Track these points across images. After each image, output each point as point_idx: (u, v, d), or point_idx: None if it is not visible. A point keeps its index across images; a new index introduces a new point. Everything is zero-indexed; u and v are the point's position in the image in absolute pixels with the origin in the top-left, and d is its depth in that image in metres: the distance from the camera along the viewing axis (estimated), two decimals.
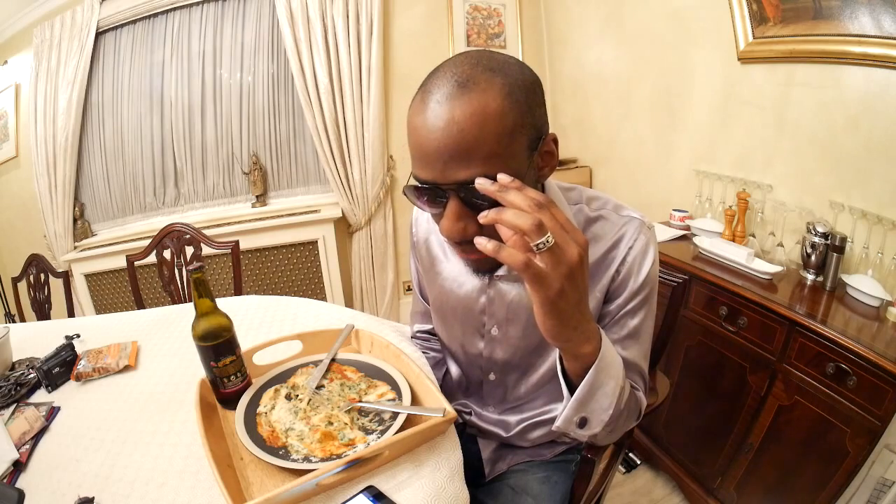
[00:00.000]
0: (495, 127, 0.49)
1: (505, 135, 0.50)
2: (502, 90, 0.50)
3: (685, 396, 1.42)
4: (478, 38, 2.45)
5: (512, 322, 0.75)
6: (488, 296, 0.76)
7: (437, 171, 0.52)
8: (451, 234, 0.54)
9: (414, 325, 1.00)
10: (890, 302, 1.08)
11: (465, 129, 0.49)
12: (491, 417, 0.87)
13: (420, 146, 0.52)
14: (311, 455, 0.61)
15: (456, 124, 0.49)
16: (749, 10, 1.43)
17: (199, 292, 0.69)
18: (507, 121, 0.50)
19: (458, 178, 0.51)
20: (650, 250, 0.68)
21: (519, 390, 0.82)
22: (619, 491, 1.54)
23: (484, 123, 0.49)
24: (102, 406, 0.81)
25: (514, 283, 0.74)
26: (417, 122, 0.52)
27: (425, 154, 0.52)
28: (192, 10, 2.30)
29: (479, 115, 0.49)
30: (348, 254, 2.54)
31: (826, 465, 1.03)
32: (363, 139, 2.28)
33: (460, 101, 0.49)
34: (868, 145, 1.20)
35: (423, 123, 0.51)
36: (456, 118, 0.49)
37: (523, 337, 0.75)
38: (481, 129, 0.49)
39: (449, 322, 0.84)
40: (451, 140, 0.49)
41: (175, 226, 1.60)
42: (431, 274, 0.84)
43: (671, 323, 1.01)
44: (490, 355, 0.80)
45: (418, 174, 0.55)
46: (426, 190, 0.55)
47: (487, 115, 0.49)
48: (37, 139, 2.34)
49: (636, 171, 2.07)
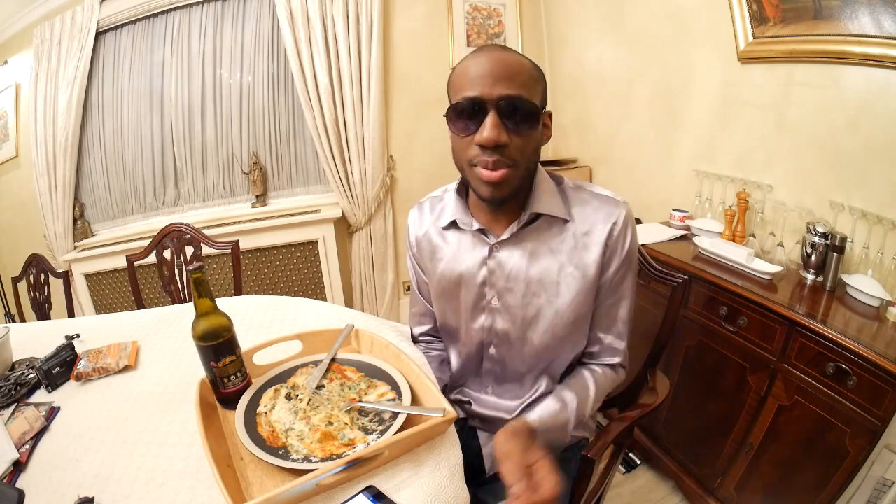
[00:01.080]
0: (528, 71, 0.70)
1: (533, 79, 0.70)
2: (529, 59, 0.72)
3: (685, 396, 1.42)
4: (478, 38, 2.45)
5: (511, 291, 0.80)
6: (489, 267, 0.80)
7: (486, 87, 0.67)
8: (490, 138, 0.67)
9: (414, 329, 1.01)
10: (890, 302, 1.08)
11: (511, 62, 0.68)
12: (490, 401, 0.89)
13: (470, 73, 0.69)
14: (311, 455, 0.61)
15: (504, 59, 0.68)
16: (749, 10, 1.43)
17: (199, 292, 0.69)
18: (534, 72, 0.71)
19: (502, 93, 0.66)
20: (630, 223, 0.79)
21: (515, 364, 0.85)
22: (619, 491, 1.54)
23: (522, 65, 0.69)
24: (102, 406, 0.82)
25: (512, 251, 0.79)
26: (468, 61, 0.70)
27: (476, 76, 0.68)
28: (192, 10, 2.30)
29: (518, 60, 0.70)
30: (348, 254, 2.54)
31: (826, 465, 1.03)
32: (363, 139, 2.28)
33: (505, 51, 0.70)
34: (868, 145, 1.20)
35: (475, 59, 0.69)
36: (504, 57, 0.68)
37: (521, 305, 0.80)
38: (521, 67, 0.69)
39: (452, 302, 0.87)
40: (500, 65, 0.67)
41: (175, 226, 1.60)
42: (433, 263, 0.87)
43: (671, 323, 1.01)
44: (491, 326, 0.84)
45: (466, 93, 0.68)
46: (471, 103, 0.68)
47: (522, 62, 0.70)
48: (37, 139, 2.34)
49: (636, 170, 2.07)
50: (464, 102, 0.68)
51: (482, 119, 0.67)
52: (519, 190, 0.74)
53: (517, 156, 0.69)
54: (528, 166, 0.73)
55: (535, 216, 0.78)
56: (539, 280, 0.78)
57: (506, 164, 0.69)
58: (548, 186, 0.79)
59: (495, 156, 0.68)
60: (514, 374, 0.87)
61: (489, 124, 0.67)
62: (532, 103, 0.68)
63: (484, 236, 0.80)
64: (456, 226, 0.83)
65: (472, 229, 0.81)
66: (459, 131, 0.71)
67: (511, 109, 0.67)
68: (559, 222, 0.78)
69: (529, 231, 0.78)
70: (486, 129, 0.67)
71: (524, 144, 0.70)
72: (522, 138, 0.69)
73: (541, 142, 0.75)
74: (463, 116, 0.70)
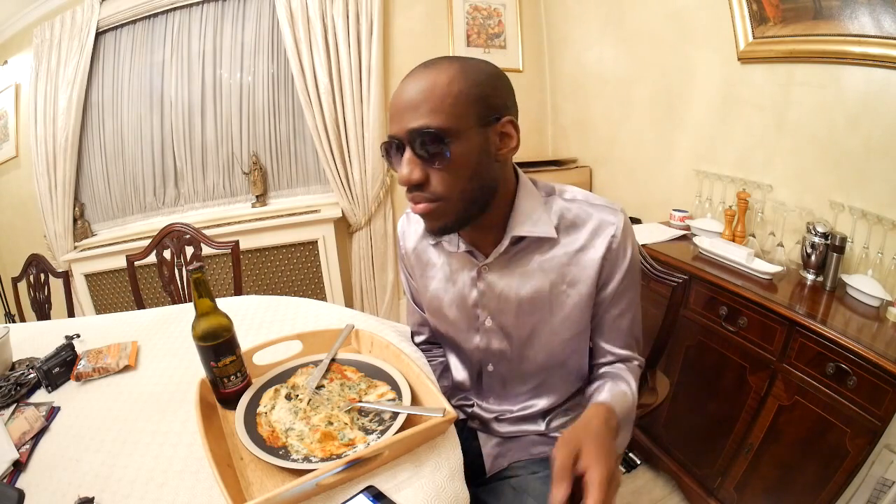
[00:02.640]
0: (441, 89, 0.61)
1: (450, 96, 0.61)
2: (457, 68, 0.62)
3: (685, 396, 1.42)
4: (478, 38, 2.45)
5: (503, 312, 0.78)
6: (479, 289, 0.78)
7: (396, 123, 0.63)
8: (402, 178, 0.64)
9: (414, 337, 1.01)
10: (890, 302, 1.08)
11: (419, 88, 0.61)
12: (492, 408, 0.88)
13: (391, 107, 0.65)
14: (311, 455, 0.61)
15: (414, 85, 0.62)
16: (749, 10, 1.43)
17: (199, 292, 0.69)
18: (454, 87, 0.61)
19: (411, 126, 0.61)
20: (629, 234, 0.75)
21: (516, 381, 0.84)
22: (619, 491, 1.53)
23: (434, 85, 0.61)
24: (102, 406, 0.81)
25: (501, 273, 0.76)
26: (395, 92, 0.65)
27: (393, 111, 0.64)
28: (192, 11, 2.30)
29: (432, 79, 0.61)
30: (348, 254, 2.54)
31: (826, 465, 1.03)
32: (363, 139, 2.28)
33: (422, 72, 0.63)
34: (868, 145, 1.20)
35: (397, 90, 0.64)
36: (415, 82, 0.62)
37: (516, 326, 0.78)
38: (431, 88, 0.61)
39: (446, 320, 0.86)
40: (408, 96, 0.62)
41: (175, 226, 1.60)
42: (425, 279, 0.86)
43: (671, 323, 1.01)
44: (487, 346, 0.82)
45: (388, 131, 0.66)
46: (390, 143, 0.65)
47: (438, 79, 0.61)
48: (37, 139, 2.34)
49: (636, 171, 2.07)
50: (386, 141, 0.66)
51: (401, 154, 0.64)
52: (465, 220, 0.68)
53: (439, 190, 0.63)
54: (465, 197, 0.65)
55: (520, 238, 0.73)
56: (531, 300, 0.75)
57: (428, 200, 0.65)
58: (531, 203, 0.72)
59: (414, 192, 0.65)
60: (515, 390, 0.85)
61: (402, 162, 0.63)
62: (438, 131, 0.60)
63: (472, 257, 0.77)
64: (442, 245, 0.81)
65: (458, 251, 0.77)
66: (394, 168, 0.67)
67: (419, 143, 0.61)
68: (547, 240, 0.73)
69: (517, 251, 0.74)
70: (401, 166, 0.64)
71: (446, 177, 0.63)
72: (440, 171, 0.62)
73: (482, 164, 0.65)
74: (390, 155, 0.66)
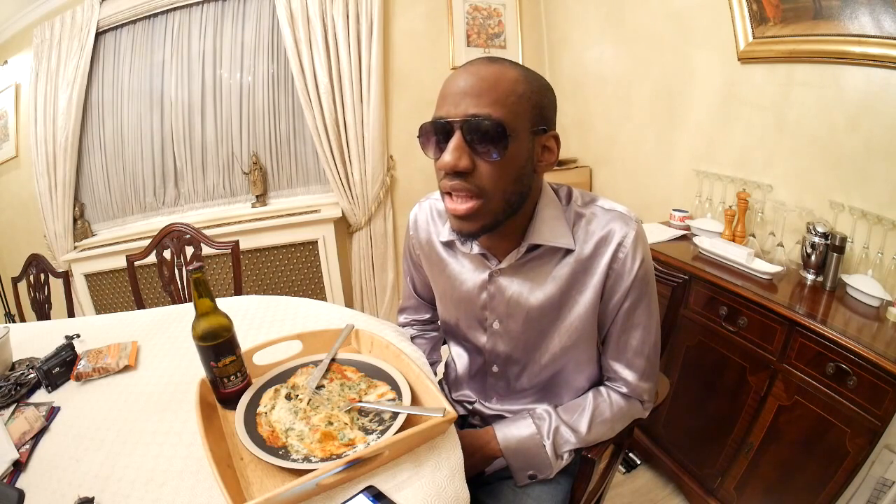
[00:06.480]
0: (507, 85, 0.61)
1: (514, 94, 0.61)
2: (521, 70, 0.64)
3: (685, 396, 1.42)
4: (478, 38, 2.45)
5: (512, 317, 0.78)
6: (489, 292, 0.78)
7: (452, 106, 0.62)
8: (448, 162, 0.62)
9: (401, 317, 1.04)
10: (890, 302, 1.08)
11: (488, 76, 0.61)
12: (495, 407, 0.89)
13: (445, 89, 0.64)
14: (311, 455, 0.61)
15: (478, 74, 0.61)
16: (749, 10, 1.43)
17: (199, 292, 0.69)
18: (518, 87, 0.62)
19: (468, 111, 0.60)
20: (640, 245, 0.71)
21: (521, 383, 0.84)
22: (619, 491, 1.53)
23: (499, 79, 0.61)
24: (102, 406, 0.81)
25: (512, 279, 0.76)
26: (448, 78, 0.64)
27: (446, 95, 0.63)
28: (192, 11, 2.30)
29: (498, 73, 0.62)
30: (348, 254, 2.54)
31: (826, 465, 1.03)
32: (363, 139, 2.28)
33: (486, 64, 0.63)
34: (868, 145, 1.20)
35: (453, 76, 0.64)
36: (479, 72, 0.62)
37: (523, 331, 0.78)
38: (496, 81, 0.61)
39: (454, 314, 0.87)
40: (470, 83, 0.61)
41: (175, 226, 1.60)
42: (438, 269, 0.86)
43: (671, 323, 1.01)
44: (493, 348, 0.83)
45: (436, 114, 0.64)
46: (437, 124, 0.63)
47: (504, 75, 0.62)
48: (37, 139, 2.34)
49: (636, 171, 2.07)
50: (432, 122, 0.64)
51: (448, 138, 0.62)
52: (495, 225, 0.67)
53: (486, 184, 0.62)
54: (506, 198, 0.65)
55: (536, 245, 0.73)
56: (540, 307, 0.75)
57: (470, 193, 0.63)
58: (552, 212, 0.72)
59: (456, 180, 0.63)
60: (519, 392, 0.85)
61: (450, 147, 0.61)
62: (500, 123, 0.59)
63: (485, 259, 0.77)
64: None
65: (471, 253, 0.77)
66: (430, 153, 0.66)
67: (475, 130, 0.60)
68: (563, 248, 0.72)
69: (531, 258, 0.74)
70: (447, 152, 0.62)
71: (495, 172, 0.62)
72: (491, 164, 0.61)
73: (526, 168, 0.65)
74: (431, 138, 0.65)
